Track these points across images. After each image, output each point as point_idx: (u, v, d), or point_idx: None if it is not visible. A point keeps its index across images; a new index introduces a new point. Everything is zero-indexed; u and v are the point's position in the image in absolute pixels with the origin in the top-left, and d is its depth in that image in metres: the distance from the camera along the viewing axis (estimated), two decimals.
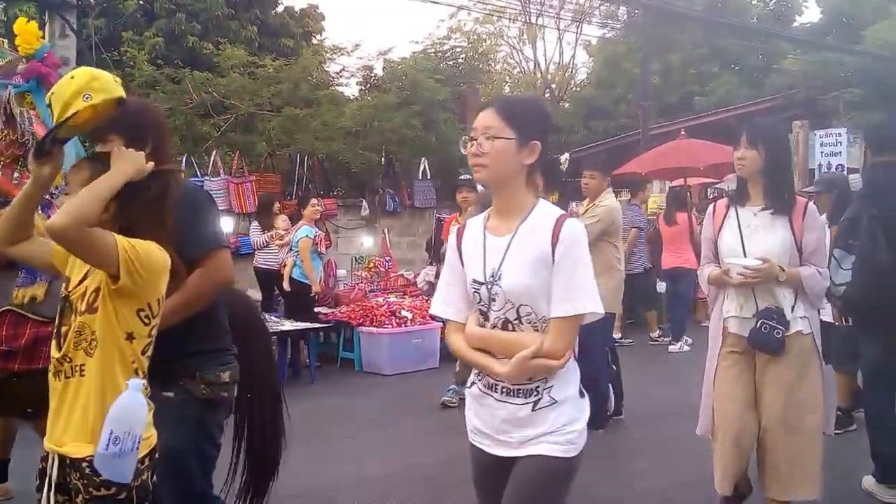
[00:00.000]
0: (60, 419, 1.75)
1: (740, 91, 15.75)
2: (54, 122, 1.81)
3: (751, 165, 2.90)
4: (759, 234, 2.89)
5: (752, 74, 16.82)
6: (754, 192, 2.94)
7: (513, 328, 1.79)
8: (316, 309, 7.09)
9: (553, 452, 1.76)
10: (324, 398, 6.06)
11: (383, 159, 10.59)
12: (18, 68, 3.40)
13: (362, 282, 8.14)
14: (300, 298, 6.87)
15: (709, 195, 11.46)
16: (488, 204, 5.43)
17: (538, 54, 25.43)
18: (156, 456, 1.80)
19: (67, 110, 1.79)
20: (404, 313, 6.85)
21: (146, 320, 1.77)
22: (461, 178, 6.11)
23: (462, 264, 1.90)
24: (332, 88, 11.22)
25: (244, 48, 10.67)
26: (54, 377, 1.77)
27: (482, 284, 1.81)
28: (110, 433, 1.62)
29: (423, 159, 9.75)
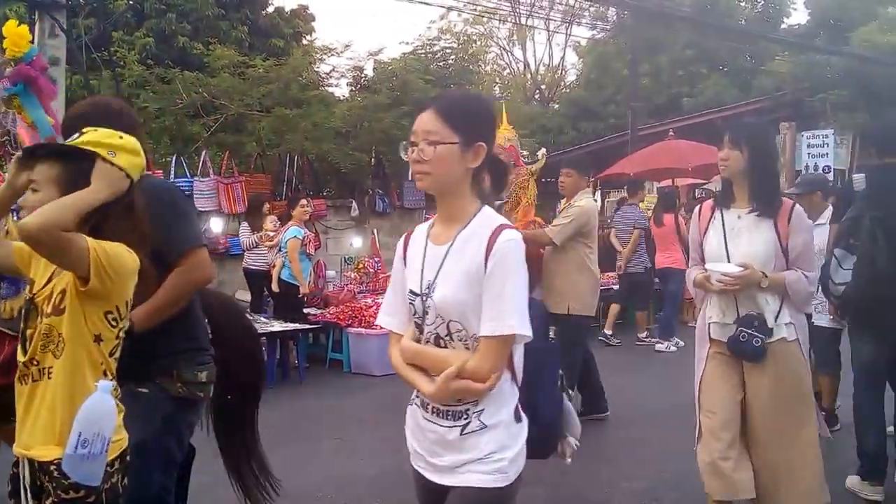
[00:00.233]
0: (27, 423, 1.73)
1: (728, 92, 15.86)
2: (73, 144, 1.79)
3: (734, 166, 2.84)
4: (743, 238, 2.81)
5: (741, 76, 16.93)
6: (739, 194, 2.87)
7: (444, 345, 1.69)
8: (305, 310, 7.10)
9: (483, 483, 1.64)
10: (312, 399, 6.07)
11: (373, 160, 10.59)
12: (7, 71, 3.38)
13: (351, 283, 8.15)
14: (289, 299, 6.88)
15: (696, 196, 11.54)
16: None
17: (528, 55, 25.57)
18: (127, 458, 1.78)
19: (89, 146, 1.77)
20: None
21: (113, 323, 1.75)
22: None
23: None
24: (323, 89, 11.21)
25: (234, 48, 10.65)
26: (20, 382, 1.75)
27: (417, 296, 1.71)
28: (79, 435, 1.60)
29: None
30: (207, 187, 9.00)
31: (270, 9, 13.31)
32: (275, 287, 6.92)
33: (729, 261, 2.79)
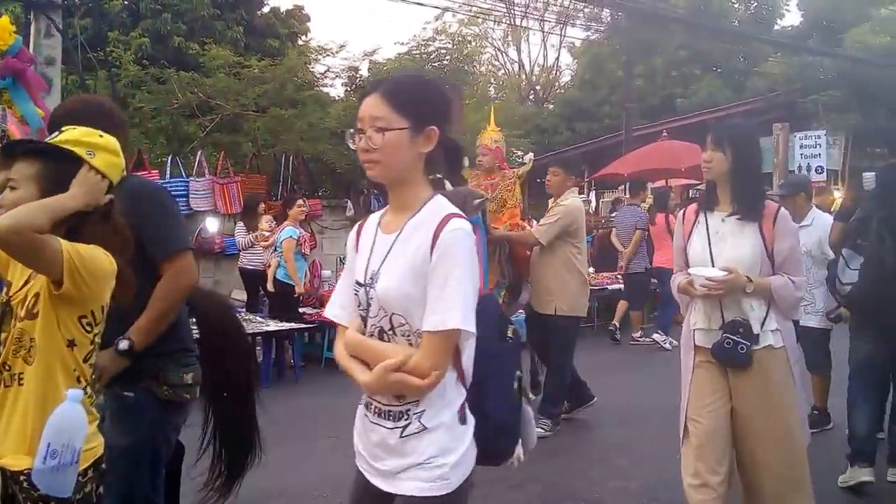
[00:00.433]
0: None
1: (722, 93, 15.96)
2: (53, 142, 1.76)
3: (717, 168, 2.75)
4: (728, 242, 2.72)
5: (734, 77, 17.03)
6: (723, 197, 2.78)
7: (388, 339, 1.60)
8: (301, 309, 7.11)
9: (424, 492, 1.55)
10: (308, 398, 6.08)
11: None
12: None
13: None
14: (284, 299, 6.89)
15: (690, 196, 11.61)
16: (462, 204, 5.31)
17: (522, 56, 25.63)
18: (102, 466, 1.72)
19: (68, 145, 1.74)
20: None
21: (88, 328, 1.70)
22: (429, 177, 5.98)
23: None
24: (318, 89, 11.22)
25: (230, 48, 10.65)
26: None
27: (361, 286, 1.63)
28: (48, 446, 1.54)
29: None
30: (203, 187, 9.00)
31: (266, 9, 13.33)
32: (270, 287, 6.93)
33: (713, 265, 2.71)
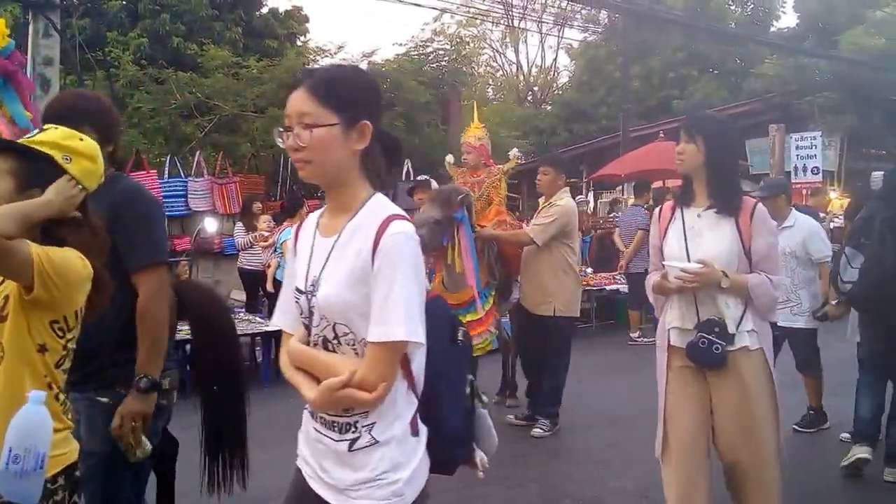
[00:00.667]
0: None
1: (718, 95, 16.04)
2: (31, 141, 1.72)
3: (689, 160, 2.64)
4: (704, 237, 2.61)
5: (730, 78, 17.13)
6: (699, 191, 2.67)
7: (333, 349, 1.50)
8: None
9: None
10: None
11: None
12: None
13: None
14: None
15: None
16: (446, 201, 5.19)
17: (520, 57, 25.72)
18: (75, 474, 1.66)
19: (44, 147, 1.69)
20: None
21: (60, 333, 1.64)
22: (417, 179, 5.95)
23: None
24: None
25: (228, 49, 10.70)
26: None
27: (302, 294, 1.53)
28: (9, 451, 1.46)
29: (407, 160, 9.82)
30: (202, 187, 9.02)
31: (264, 10, 13.35)
32: (269, 287, 6.95)
33: (689, 262, 2.60)
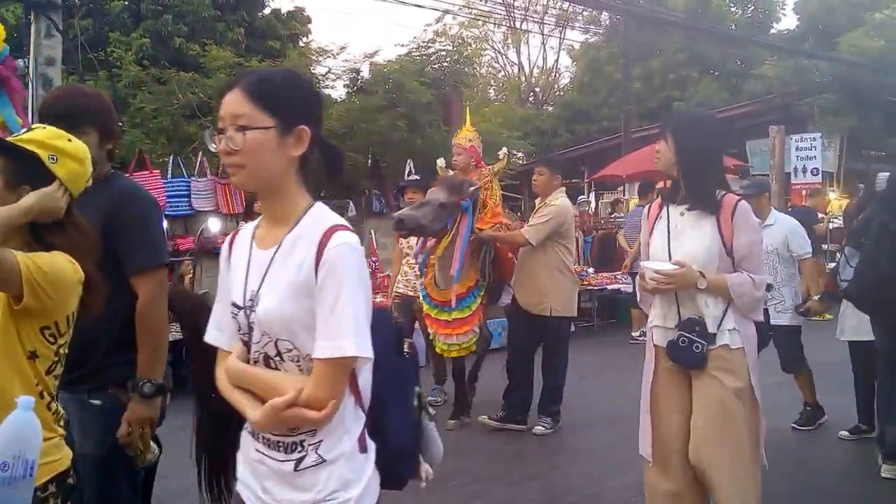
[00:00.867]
0: None
1: (719, 96, 16.09)
2: (18, 140, 1.70)
3: (664, 158, 2.65)
4: (685, 236, 2.59)
5: (731, 80, 17.17)
6: (683, 189, 2.66)
7: (275, 366, 1.44)
8: None
9: None
10: None
11: (369, 161, 10.68)
12: None
13: None
14: None
15: None
16: (456, 186, 5.19)
17: (522, 58, 25.77)
18: (67, 481, 1.63)
19: (31, 145, 1.65)
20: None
21: (51, 339, 1.60)
22: (408, 179, 5.92)
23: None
24: (318, 90, 11.26)
25: (230, 50, 10.72)
26: None
27: (240, 309, 1.45)
28: None
29: (409, 161, 9.85)
30: (205, 187, 9.05)
31: (267, 10, 13.39)
32: None
33: (671, 260, 2.59)
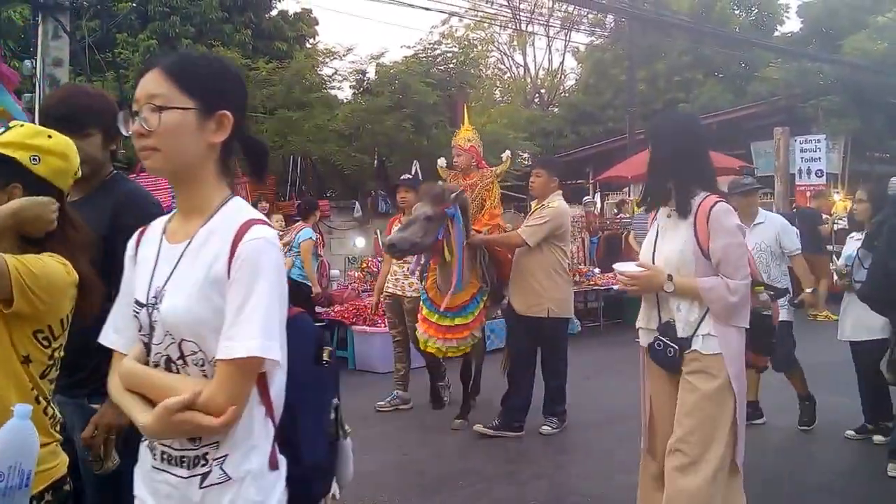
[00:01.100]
0: None
1: (723, 98, 16.11)
2: None
3: (647, 161, 2.69)
4: (666, 238, 2.59)
5: (735, 82, 17.18)
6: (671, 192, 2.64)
7: (178, 370, 1.33)
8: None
9: None
10: None
11: (375, 162, 10.74)
12: None
13: (355, 282, 8.30)
14: (299, 298, 7.02)
15: None
16: (437, 196, 5.25)
17: (528, 60, 25.79)
18: (64, 488, 1.61)
19: (8, 149, 1.59)
20: None
21: (45, 343, 1.57)
22: (401, 178, 5.98)
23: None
24: (325, 91, 11.35)
25: (238, 51, 10.79)
26: None
27: (142, 307, 1.36)
28: None
29: (415, 162, 9.90)
30: None
31: (274, 12, 13.45)
32: None
33: (654, 263, 2.60)
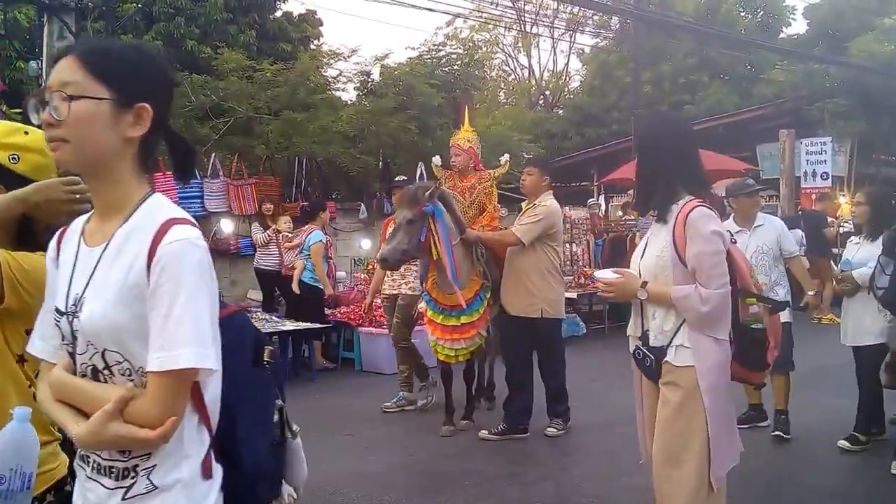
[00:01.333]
0: None
1: (729, 100, 16.06)
2: None
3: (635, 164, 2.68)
4: (650, 242, 2.56)
5: (741, 84, 17.12)
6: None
7: (105, 380, 1.26)
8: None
9: None
10: (325, 397, 6.20)
11: (380, 163, 10.73)
12: None
13: (361, 283, 8.29)
14: (310, 301, 6.98)
15: None
16: (412, 199, 5.27)
17: (532, 62, 25.77)
18: (65, 488, 1.58)
19: None
20: None
21: None
22: (396, 180, 5.94)
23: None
24: (330, 93, 11.34)
25: (242, 52, 10.78)
26: None
27: (63, 315, 1.28)
28: None
29: (420, 163, 9.89)
30: (217, 189, 9.15)
31: (278, 13, 13.45)
32: (295, 289, 6.99)
33: (639, 268, 2.56)
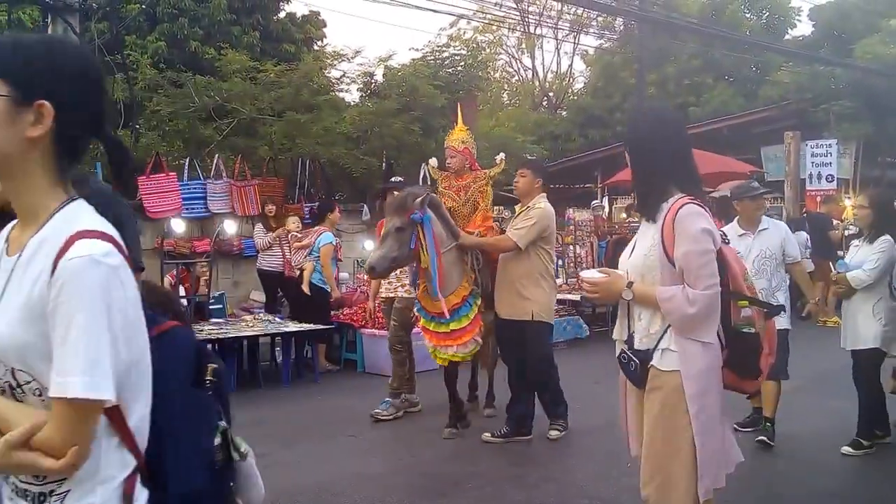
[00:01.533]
0: None
1: (734, 102, 16.00)
2: None
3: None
4: (638, 242, 2.49)
5: (746, 86, 17.06)
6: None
7: (19, 399, 1.20)
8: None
9: None
10: (327, 398, 6.19)
11: (383, 165, 10.71)
12: None
13: (364, 285, 8.26)
14: (318, 302, 6.97)
15: None
16: (401, 206, 5.23)
17: (536, 63, 25.75)
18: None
19: None
20: None
21: None
22: (391, 181, 5.92)
23: None
24: (333, 94, 11.32)
25: (246, 53, 10.77)
26: None
27: None
28: None
29: (423, 165, 9.87)
30: (221, 190, 9.13)
31: (282, 14, 13.43)
32: (306, 290, 6.97)
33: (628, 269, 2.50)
